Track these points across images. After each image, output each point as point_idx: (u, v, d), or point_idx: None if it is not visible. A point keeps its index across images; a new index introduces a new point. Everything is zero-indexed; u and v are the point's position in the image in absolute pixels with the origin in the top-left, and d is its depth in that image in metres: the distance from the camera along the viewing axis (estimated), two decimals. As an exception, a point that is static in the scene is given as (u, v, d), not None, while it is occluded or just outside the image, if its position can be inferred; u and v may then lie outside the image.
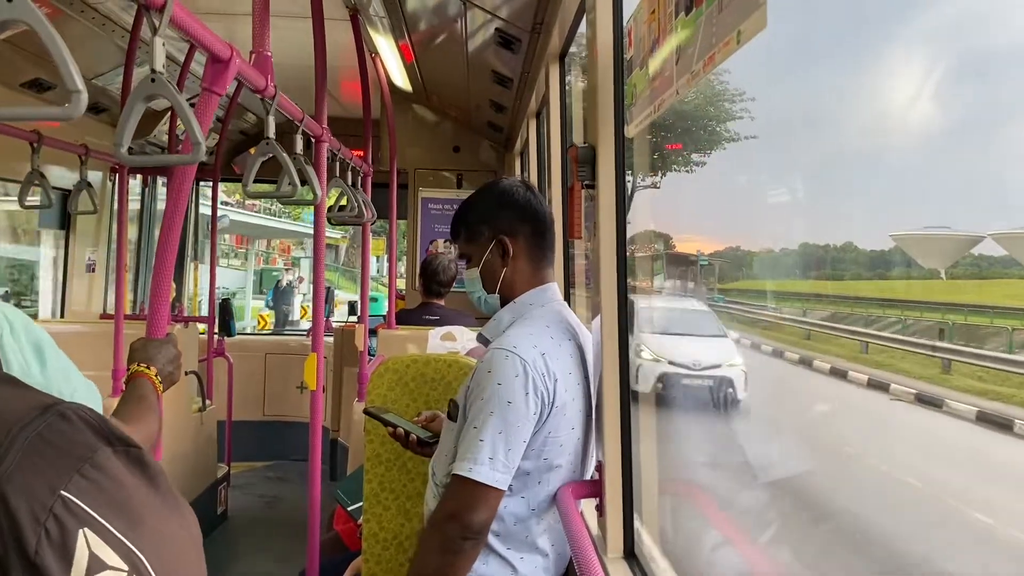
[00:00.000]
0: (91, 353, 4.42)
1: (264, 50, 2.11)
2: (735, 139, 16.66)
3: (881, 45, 12.69)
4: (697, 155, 17.17)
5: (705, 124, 16.45)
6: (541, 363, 1.66)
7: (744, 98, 16.14)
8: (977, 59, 11.12)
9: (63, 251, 5.02)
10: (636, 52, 1.69)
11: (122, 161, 1.48)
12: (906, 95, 11.53)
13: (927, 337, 10.82)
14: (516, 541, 1.73)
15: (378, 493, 2.29)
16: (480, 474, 1.59)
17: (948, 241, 11.95)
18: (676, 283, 18.62)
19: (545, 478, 1.72)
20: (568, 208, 1.98)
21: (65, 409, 0.64)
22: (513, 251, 1.84)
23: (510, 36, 3.28)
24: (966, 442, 7.65)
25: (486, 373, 1.65)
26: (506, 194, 1.89)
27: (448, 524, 1.61)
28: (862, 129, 12.50)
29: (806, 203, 12.81)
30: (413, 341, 4.07)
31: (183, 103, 1.44)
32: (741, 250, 17.95)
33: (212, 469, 4.83)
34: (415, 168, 6.07)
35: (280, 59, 2.23)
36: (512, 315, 1.83)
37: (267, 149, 2.13)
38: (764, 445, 8.20)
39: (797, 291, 15.16)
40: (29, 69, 3.91)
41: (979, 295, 11.63)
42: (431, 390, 2.27)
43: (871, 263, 14.04)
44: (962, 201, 12.09)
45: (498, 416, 1.61)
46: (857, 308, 13.92)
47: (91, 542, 0.56)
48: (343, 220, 3.74)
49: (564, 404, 1.70)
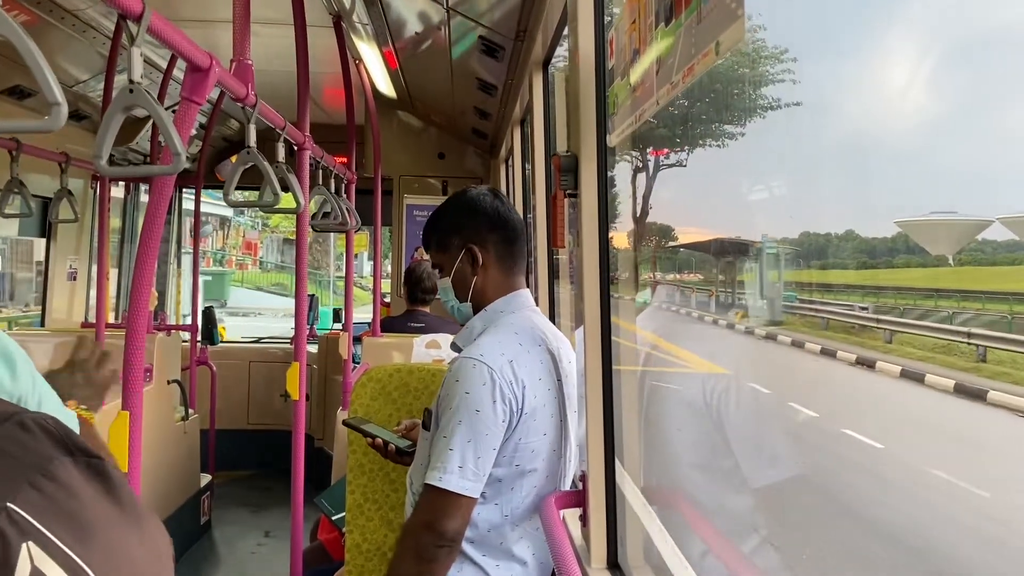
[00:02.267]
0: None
1: (244, 58, 2.10)
2: (774, 107, 14.15)
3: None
4: (731, 126, 14.95)
5: (739, 88, 14.16)
6: (508, 370, 1.67)
7: (786, 57, 13.74)
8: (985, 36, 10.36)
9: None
10: (618, 61, 1.70)
11: (102, 173, 1.47)
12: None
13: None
14: (491, 548, 1.74)
15: (361, 504, 2.27)
16: (450, 483, 1.61)
17: (955, 226, 11.44)
18: (724, 278, 16.02)
19: (518, 484, 1.73)
20: (552, 217, 1.98)
21: (25, 418, 0.62)
22: (483, 259, 1.86)
23: (494, 44, 3.29)
24: None
25: (454, 382, 1.67)
26: (474, 203, 1.90)
27: (422, 532, 1.63)
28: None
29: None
30: (398, 349, 4.06)
31: (162, 114, 1.43)
32: (815, 235, 15.34)
33: (195, 479, 4.79)
34: (400, 175, 6.06)
35: (262, 66, 2.21)
36: (483, 323, 1.85)
37: (248, 158, 2.12)
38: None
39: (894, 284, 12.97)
40: (8, 76, 3.87)
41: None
42: (414, 400, 2.26)
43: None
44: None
45: (466, 425, 1.63)
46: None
47: (35, 556, 0.54)
48: (327, 228, 3.73)
49: (534, 410, 1.70)
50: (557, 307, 3.34)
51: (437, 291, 4.46)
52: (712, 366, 11.99)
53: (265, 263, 31.02)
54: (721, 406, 9.24)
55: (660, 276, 19.00)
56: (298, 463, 2.75)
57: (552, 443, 1.77)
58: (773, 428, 8.23)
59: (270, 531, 5.03)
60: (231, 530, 5.09)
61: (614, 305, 1.85)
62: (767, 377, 10.38)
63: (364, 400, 2.28)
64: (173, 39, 1.53)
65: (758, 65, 13.65)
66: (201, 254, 6.79)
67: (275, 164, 2.31)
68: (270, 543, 4.86)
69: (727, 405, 9.30)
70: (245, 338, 7.59)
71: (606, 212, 1.80)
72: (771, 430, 8.19)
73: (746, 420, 8.66)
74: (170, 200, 1.83)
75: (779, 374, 10.98)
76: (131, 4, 1.36)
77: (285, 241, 33.99)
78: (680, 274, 19.46)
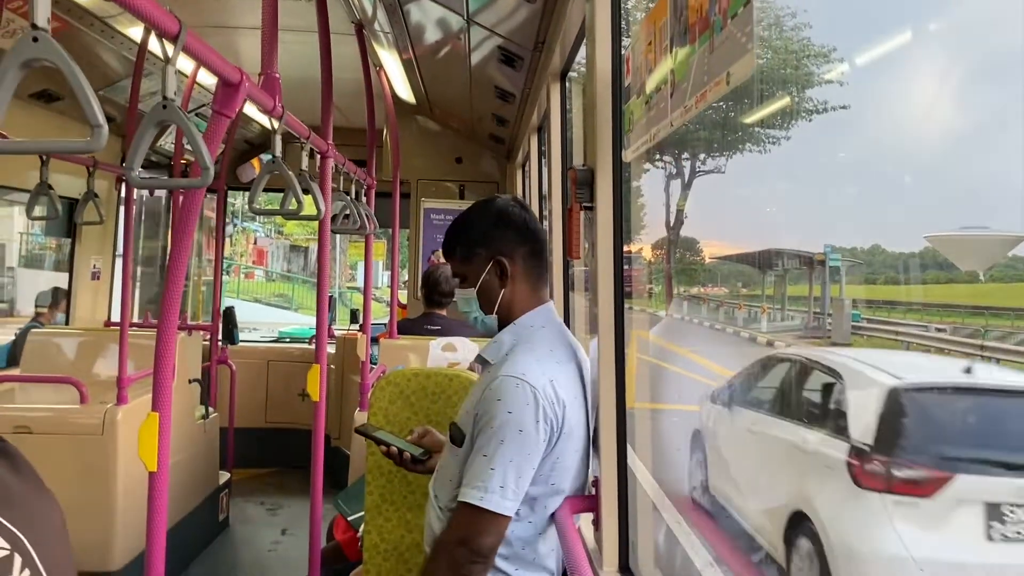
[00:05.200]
0: (97, 360, 4.48)
1: (272, 71, 2.16)
2: (820, 110, 13.14)
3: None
4: (774, 130, 14.07)
5: (785, 88, 13.12)
6: (551, 390, 1.66)
7: (832, 58, 12.80)
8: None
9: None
10: (634, 80, 1.74)
11: (134, 184, 1.53)
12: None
13: None
14: (524, 562, 1.75)
15: (379, 504, 2.33)
16: (491, 502, 1.60)
17: (987, 242, 10.91)
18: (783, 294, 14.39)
19: (552, 502, 1.74)
20: (567, 229, 2.01)
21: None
22: (511, 272, 1.82)
23: (512, 53, 3.34)
24: None
25: (496, 400, 1.65)
26: (503, 214, 1.86)
27: (457, 549, 1.63)
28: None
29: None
30: (414, 351, 4.11)
31: (193, 130, 1.49)
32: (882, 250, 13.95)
33: (214, 476, 4.87)
34: (417, 178, 6.12)
35: (285, 72, 2.27)
36: (514, 337, 1.81)
37: (273, 168, 2.18)
38: None
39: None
40: (38, 80, 3.97)
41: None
42: (431, 404, 2.31)
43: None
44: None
45: (509, 444, 1.62)
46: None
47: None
48: (346, 231, 3.79)
49: (571, 429, 1.71)
50: (572, 317, 3.38)
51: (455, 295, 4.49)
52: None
53: (270, 272, 28.99)
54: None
55: (699, 290, 17.97)
56: (317, 462, 2.80)
57: (582, 458, 1.79)
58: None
59: (287, 529, 5.10)
60: (248, 528, 5.17)
61: (646, 320, 1.87)
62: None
63: (383, 403, 2.33)
64: (206, 56, 1.59)
65: (803, 66, 12.92)
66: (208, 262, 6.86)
67: (298, 172, 2.37)
68: (286, 541, 4.93)
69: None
70: (264, 338, 7.67)
71: (621, 225, 1.84)
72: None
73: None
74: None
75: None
76: (168, 24, 1.42)
77: (292, 248, 32.28)
78: (718, 287, 18.40)
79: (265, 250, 28.61)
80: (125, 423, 3.53)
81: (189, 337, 4.57)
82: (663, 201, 16.08)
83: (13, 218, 10.71)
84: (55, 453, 3.50)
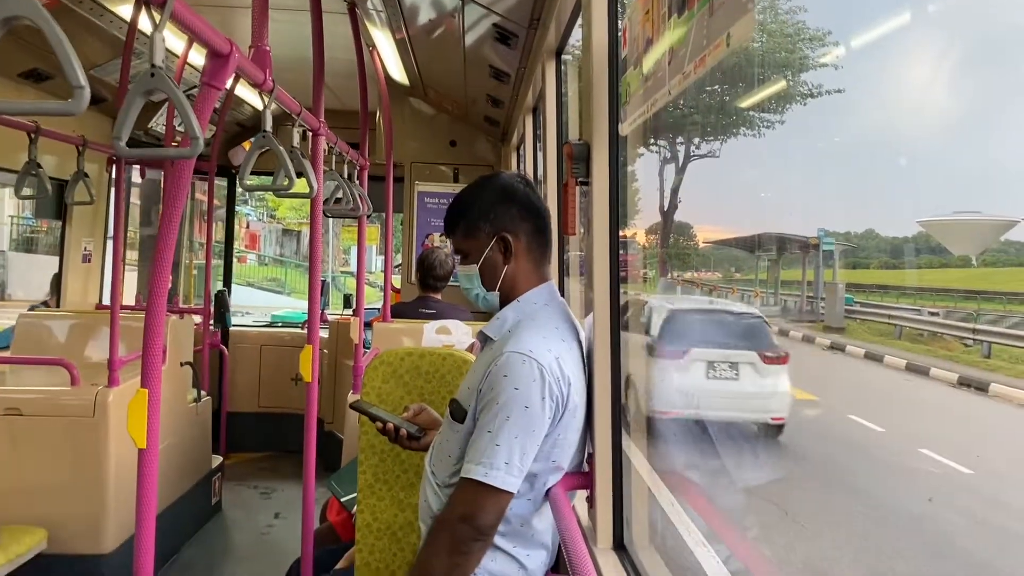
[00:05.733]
0: (88, 343, 4.45)
1: (263, 44, 2.13)
2: (814, 94, 13.29)
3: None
4: (768, 114, 14.04)
5: (781, 72, 13.17)
6: (556, 367, 1.65)
7: (827, 41, 12.83)
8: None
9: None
10: (631, 51, 1.72)
11: (121, 154, 1.49)
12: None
13: None
14: (523, 539, 1.74)
15: (372, 484, 2.31)
16: (496, 479, 1.59)
17: (980, 226, 10.84)
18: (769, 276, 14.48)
19: (551, 479, 1.73)
20: (563, 204, 1.99)
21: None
22: (515, 249, 1.80)
23: (506, 31, 3.30)
24: None
25: (502, 377, 1.63)
26: (508, 190, 1.84)
27: (459, 526, 1.62)
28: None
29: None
30: (408, 334, 4.09)
31: (182, 98, 1.46)
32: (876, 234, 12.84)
33: (207, 460, 4.85)
34: (411, 161, 6.09)
35: (277, 51, 2.24)
36: (517, 314, 1.79)
37: (264, 143, 2.15)
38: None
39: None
40: (27, 59, 3.92)
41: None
42: (425, 383, 2.29)
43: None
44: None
45: (515, 421, 1.60)
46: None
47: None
48: (339, 213, 3.76)
49: (575, 406, 1.70)
50: (568, 303, 3.36)
51: (450, 278, 4.43)
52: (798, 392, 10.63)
53: (263, 256, 28.67)
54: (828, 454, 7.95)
55: (693, 275, 17.95)
56: (310, 445, 2.79)
57: (582, 436, 1.78)
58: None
59: (280, 512, 5.09)
60: (241, 511, 5.15)
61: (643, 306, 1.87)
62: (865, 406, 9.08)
63: (376, 383, 2.31)
64: (195, 25, 1.56)
65: (797, 50, 12.63)
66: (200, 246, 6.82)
67: (290, 149, 2.34)
68: (280, 524, 4.92)
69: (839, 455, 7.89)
70: (257, 322, 7.63)
71: (617, 200, 1.82)
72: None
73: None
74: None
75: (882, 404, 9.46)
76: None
77: (284, 232, 32.18)
78: (712, 272, 18.39)
79: (258, 234, 28.39)
80: (116, 405, 3.50)
81: (180, 320, 4.54)
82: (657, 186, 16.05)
83: (3, 201, 10.65)
84: (46, 435, 3.47)
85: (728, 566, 4.60)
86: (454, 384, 2.22)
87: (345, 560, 2.53)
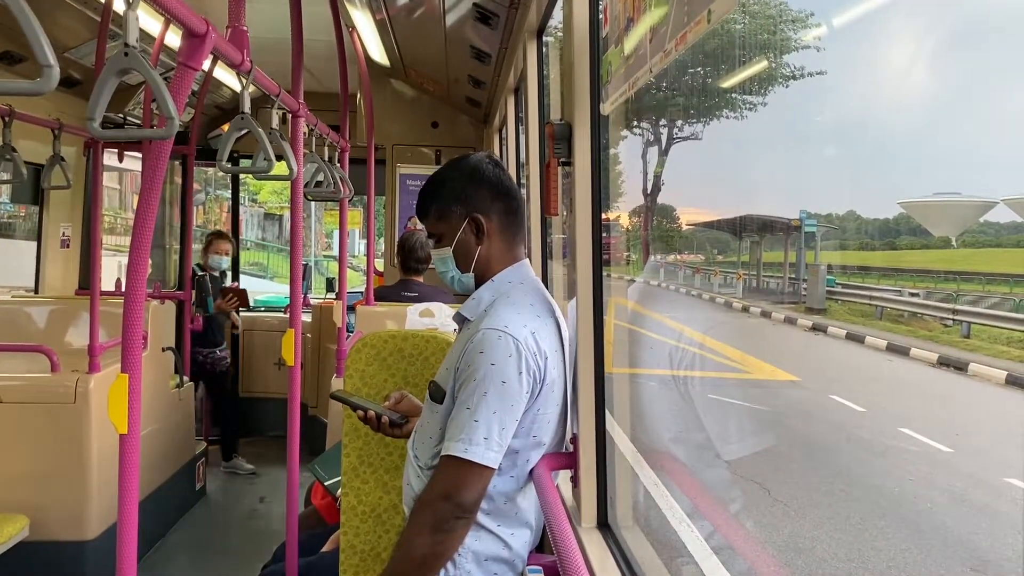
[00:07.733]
0: (68, 329, 4.41)
1: (240, 24, 2.09)
2: (796, 76, 13.25)
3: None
4: (751, 96, 14.00)
5: (762, 53, 12.91)
6: (532, 342, 1.66)
7: (811, 23, 12.65)
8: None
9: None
10: (612, 29, 1.71)
11: (95, 135, 1.47)
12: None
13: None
14: (506, 518, 1.75)
15: (356, 467, 2.30)
16: (475, 454, 1.59)
17: (959, 207, 10.92)
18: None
19: (533, 455, 1.74)
20: (545, 185, 1.99)
21: None
22: (487, 229, 1.81)
23: (488, 11, 3.27)
24: None
25: (478, 353, 1.64)
26: (477, 171, 1.84)
27: (441, 503, 1.62)
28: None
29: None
30: (391, 318, 4.08)
31: (156, 77, 1.43)
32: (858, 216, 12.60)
33: (191, 445, 4.83)
34: (393, 144, 6.05)
35: (255, 32, 2.21)
36: (492, 293, 1.80)
37: (242, 124, 2.12)
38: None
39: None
40: (0, 41, 3.85)
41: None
42: (409, 366, 2.29)
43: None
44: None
45: (492, 396, 1.61)
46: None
47: None
48: (320, 196, 3.73)
49: (553, 381, 1.71)
50: (551, 285, 3.36)
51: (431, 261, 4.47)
52: (774, 370, 10.35)
53: (244, 240, 29.59)
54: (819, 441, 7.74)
55: (676, 257, 18.12)
56: (293, 428, 2.78)
57: (561, 411, 1.79)
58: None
59: (264, 496, 5.09)
60: (226, 496, 5.15)
61: (623, 287, 1.87)
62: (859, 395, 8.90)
63: (359, 366, 2.30)
64: (169, 4, 1.53)
65: (780, 31, 12.48)
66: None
67: (269, 131, 2.32)
68: (264, 508, 4.92)
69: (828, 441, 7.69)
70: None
71: (599, 180, 1.81)
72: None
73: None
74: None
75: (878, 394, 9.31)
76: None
77: (266, 216, 32.21)
78: (695, 254, 18.57)
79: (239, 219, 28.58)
80: (97, 391, 3.47)
81: (162, 305, 4.50)
82: (640, 168, 16.07)
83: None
84: (27, 422, 3.44)
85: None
86: (437, 366, 2.21)
87: (330, 543, 2.53)
